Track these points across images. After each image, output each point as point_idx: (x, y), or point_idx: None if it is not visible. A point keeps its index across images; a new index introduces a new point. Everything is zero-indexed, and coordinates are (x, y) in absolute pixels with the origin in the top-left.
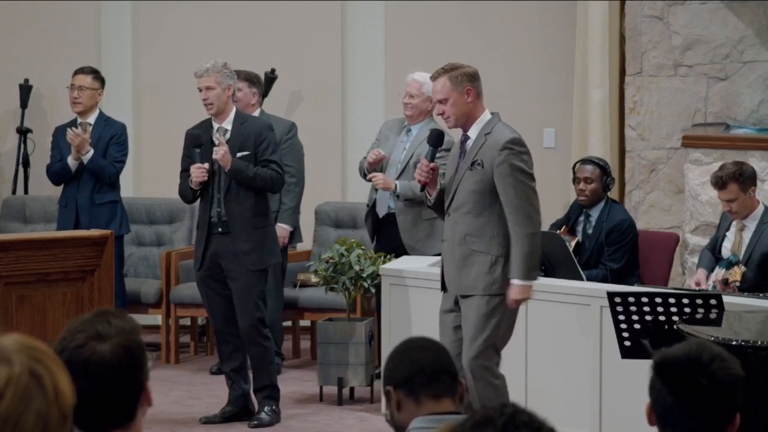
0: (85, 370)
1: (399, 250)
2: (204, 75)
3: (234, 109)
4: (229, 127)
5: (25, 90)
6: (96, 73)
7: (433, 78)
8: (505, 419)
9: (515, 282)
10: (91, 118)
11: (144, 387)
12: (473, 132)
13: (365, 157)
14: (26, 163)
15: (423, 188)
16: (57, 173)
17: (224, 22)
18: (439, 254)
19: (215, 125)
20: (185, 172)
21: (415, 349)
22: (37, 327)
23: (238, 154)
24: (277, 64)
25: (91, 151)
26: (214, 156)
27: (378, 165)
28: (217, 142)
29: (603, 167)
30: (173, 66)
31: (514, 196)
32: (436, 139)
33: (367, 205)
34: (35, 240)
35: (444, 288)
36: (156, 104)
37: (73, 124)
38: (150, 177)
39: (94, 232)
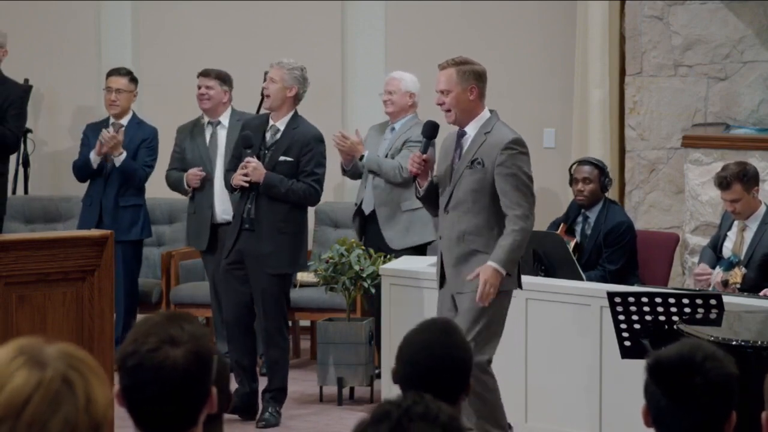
0: (157, 374)
1: (385, 247)
2: (275, 67)
3: (293, 112)
4: (282, 128)
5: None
6: (131, 74)
7: (442, 67)
8: (400, 412)
9: (492, 264)
10: (124, 120)
11: (209, 393)
12: (471, 129)
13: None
14: (26, 163)
15: (414, 179)
16: (80, 168)
17: (224, 22)
18: (418, 246)
19: (271, 122)
20: (236, 159)
21: (417, 350)
22: (37, 327)
23: (280, 158)
24: None
25: (124, 154)
26: (246, 172)
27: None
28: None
29: (601, 168)
30: (173, 66)
31: (513, 196)
32: (431, 130)
33: (355, 204)
34: (35, 240)
35: (442, 284)
36: (156, 104)
37: (105, 122)
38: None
39: (95, 232)
